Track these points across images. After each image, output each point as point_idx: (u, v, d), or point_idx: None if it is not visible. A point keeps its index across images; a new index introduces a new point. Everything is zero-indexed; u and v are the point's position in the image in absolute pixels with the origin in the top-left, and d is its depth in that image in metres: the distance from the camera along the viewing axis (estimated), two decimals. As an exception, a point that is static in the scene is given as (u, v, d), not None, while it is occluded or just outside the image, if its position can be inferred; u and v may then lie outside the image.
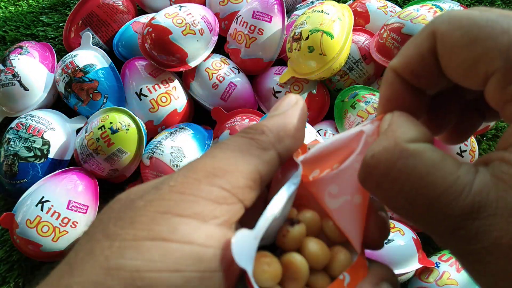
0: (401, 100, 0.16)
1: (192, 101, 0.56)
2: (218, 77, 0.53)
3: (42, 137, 0.50)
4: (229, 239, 0.14)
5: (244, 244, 0.14)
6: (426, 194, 0.13)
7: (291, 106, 0.17)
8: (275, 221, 0.16)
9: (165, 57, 0.52)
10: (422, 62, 0.15)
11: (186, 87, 0.55)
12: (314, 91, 0.53)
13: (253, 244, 0.14)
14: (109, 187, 0.52)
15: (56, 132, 0.51)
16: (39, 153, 0.50)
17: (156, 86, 0.53)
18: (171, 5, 0.59)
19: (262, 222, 0.14)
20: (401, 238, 0.43)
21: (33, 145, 0.49)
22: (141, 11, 0.64)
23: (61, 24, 0.64)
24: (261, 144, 0.16)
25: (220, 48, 0.58)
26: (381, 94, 0.17)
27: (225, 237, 0.14)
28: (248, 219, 0.16)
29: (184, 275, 0.13)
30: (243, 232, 0.14)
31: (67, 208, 0.46)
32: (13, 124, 0.51)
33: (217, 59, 0.56)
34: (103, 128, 0.48)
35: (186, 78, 0.56)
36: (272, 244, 0.17)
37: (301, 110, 0.17)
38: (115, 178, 0.51)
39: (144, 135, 0.49)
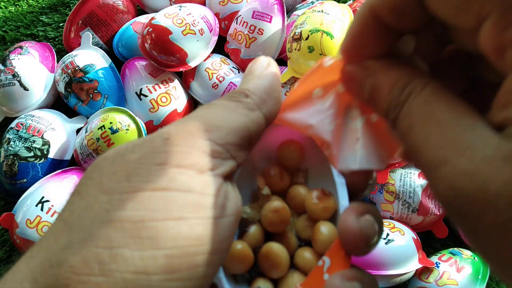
0: (369, 41, 0.15)
1: (192, 101, 0.56)
2: (218, 77, 0.53)
3: (42, 137, 0.50)
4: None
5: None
6: None
7: (265, 68, 0.17)
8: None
9: (165, 57, 0.52)
10: None
11: (186, 87, 0.55)
12: (314, 91, 0.53)
13: None
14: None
15: (56, 132, 0.51)
16: (39, 153, 0.50)
17: (156, 86, 0.53)
18: (171, 5, 0.59)
19: None
20: (401, 238, 0.43)
21: (33, 145, 0.49)
22: (141, 11, 0.64)
23: (61, 24, 0.64)
24: (247, 105, 0.16)
25: (220, 48, 0.58)
26: (348, 31, 0.16)
27: (221, 188, 0.15)
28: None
29: (188, 223, 0.13)
30: None
31: (67, 208, 0.46)
32: (13, 124, 0.51)
33: (217, 59, 0.56)
34: (103, 128, 0.48)
35: (186, 78, 0.56)
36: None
37: (275, 71, 0.18)
38: (115, 178, 0.51)
39: (144, 135, 0.49)
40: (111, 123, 0.48)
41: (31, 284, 0.13)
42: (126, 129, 0.48)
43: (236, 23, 0.55)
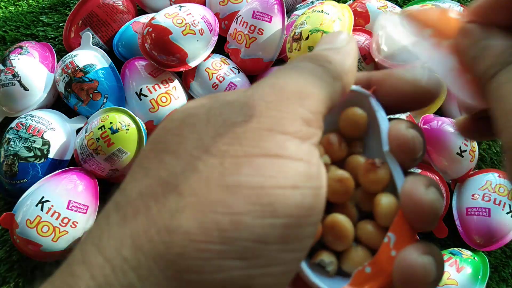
0: (502, 11, 0.16)
1: (192, 101, 0.56)
2: (218, 77, 0.53)
3: (42, 137, 0.50)
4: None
5: None
6: None
7: (346, 43, 0.17)
8: None
9: (165, 57, 0.52)
10: None
11: (186, 87, 0.55)
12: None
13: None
14: (109, 187, 0.52)
15: (56, 132, 0.51)
16: (39, 153, 0.50)
17: (156, 86, 0.53)
18: (171, 5, 0.59)
19: None
20: (401, 238, 0.43)
21: (33, 145, 0.49)
22: (141, 11, 0.64)
23: (61, 24, 0.64)
24: (332, 73, 0.15)
25: (220, 48, 0.58)
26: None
27: (318, 158, 0.14)
28: None
29: (301, 192, 0.13)
30: None
31: (67, 208, 0.46)
32: (13, 124, 0.51)
33: (217, 59, 0.56)
34: (103, 128, 0.48)
35: (186, 78, 0.56)
36: None
37: (356, 49, 0.17)
38: (115, 178, 0.51)
39: (144, 135, 0.49)
40: (111, 123, 0.48)
41: (133, 253, 0.11)
42: (126, 129, 0.48)
43: (236, 23, 0.55)
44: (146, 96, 0.53)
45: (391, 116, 0.17)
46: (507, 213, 0.46)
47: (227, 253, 0.12)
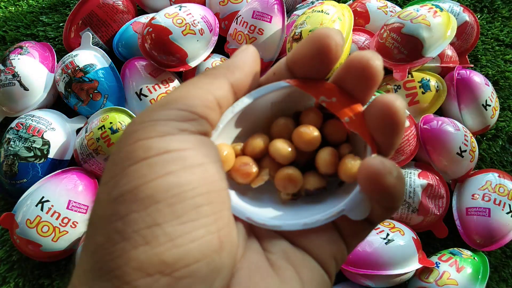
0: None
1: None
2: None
3: (42, 137, 0.50)
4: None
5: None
6: None
7: (241, 51, 0.19)
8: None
9: (165, 57, 0.52)
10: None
11: (186, 87, 0.55)
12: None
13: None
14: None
15: (56, 132, 0.51)
16: (39, 153, 0.50)
17: (156, 86, 0.53)
18: (171, 5, 0.59)
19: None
20: (401, 238, 0.43)
21: (33, 145, 0.49)
22: (141, 11, 0.64)
23: (61, 24, 0.64)
24: (211, 75, 0.17)
25: (220, 48, 0.58)
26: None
27: (199, 141, 0.16)
28: None
29: (176, 175, 0.14)
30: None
31: (67, 208, 0.46)
32: (13, 124, 0.51)
33: (217, 59, 0.56)
34: (103, 128, 0.48)
35: (186, 78, 0.56)
36: None
37: (250, 51, 0.19)
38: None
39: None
40: (111, 123, 0.48)
41: None
42: (126, 129, 0.48)
43: (236, 23, 0.55)
44: (146, 96, 0.53)
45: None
46: (507, 213, 0.46)
47: None
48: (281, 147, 0.18)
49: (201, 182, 0.15)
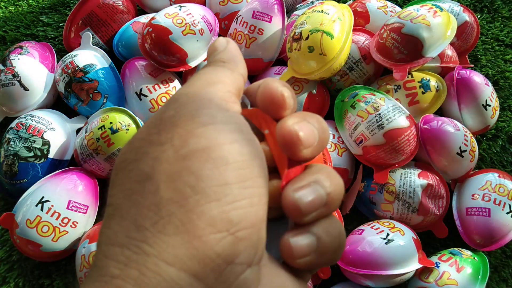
0: None
1: (192, 101, 0.56)
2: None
3: (42, 137, 0.50)
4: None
5: None
6: None
7: (227, 44, 0.20)
8: None
9: (165, 57, 0.52)
10: None
11: (186, 87, 0.55)
12: (314, 91, 0.53)
13: None
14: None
15: (56, 132, 0.51)
16: (39, 153, 0.50)
17: (156, 86, 0.53)
18: (171, 5, 0.59)
19: None
20: (401, 238, 0.43)
21: (33, 145, 0.49)
22: (141, 11, 0.64)
23: (61, 24, 0.64)
24: (229, 67, 0.19)
25: (220, 48, 0.58)
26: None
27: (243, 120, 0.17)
28: None
29: (239, 143, 0.16)
30: None
31: (67, 208, 0.46)
32: (13, 124, 0.51)
33: (217, 59, 0.55)
34: (103, 128, 0.48)
35: (186, 78, 0.56)
36: None
37: (235, 45, 0.21)
38: (115, 178, 0.51)
39: (144, 135, 0.49)
40: (111, 123, 0.48)
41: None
42: (126, 129, 0.48)
43: (236, 23, 0.55)
44: (146, 96, 0.53)
45: None
46: (507, 213, 0.46)
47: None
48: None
49: (257, 155, 0.16)
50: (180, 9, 0.54)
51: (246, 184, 0.15)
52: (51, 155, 0.50)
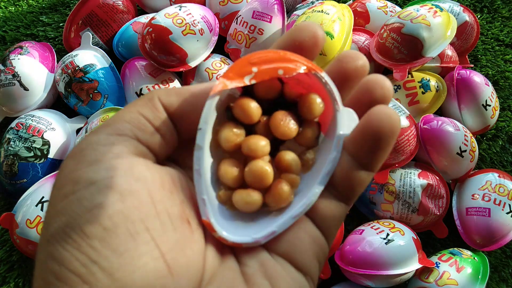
0: None
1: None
2: (218, 77, 0.53)
3: (42, 137, 0.50)
4: None
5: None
6: None
7: None
8: None
9: (165, 57, 0.52)
10: None
11: (186, 87, 0.55)
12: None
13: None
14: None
15: (56, 132, 0.51)
16: (39, 153, 0.50)
17: (156, 86, 0.53)
18: (171, 5, 0.59)
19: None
20: (401, 238, 0.43)
21: (33, 145, 0.49)
22: (141, 11, 0.64)
23: (61, 24, 0.64)
24: (146, 99, 0.17)
25: (220, 48, 0.58)
26: None
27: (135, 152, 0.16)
28: None
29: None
30: None
31: (67, 208, 0.46)
32: (13, 124, 0.51)
33: (217, 59, 0.56)
34: (103, 128, 0.48)
35: (186, 78, 0.56)
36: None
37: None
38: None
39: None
40: (111, 123, 0.48)
41: None
42: (126, 129, 0.48)
43: (236, 23, 0.55)
44: (146, 96, 0.53)
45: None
46: (507, 213, 0.46)
47: None
48: (257, 141, 0.17)
49: (132, 210, 0.14)
50: (180, 9, 0.54)
51: (121, 250, 0.14)
52: (51, 155, 0.50)
